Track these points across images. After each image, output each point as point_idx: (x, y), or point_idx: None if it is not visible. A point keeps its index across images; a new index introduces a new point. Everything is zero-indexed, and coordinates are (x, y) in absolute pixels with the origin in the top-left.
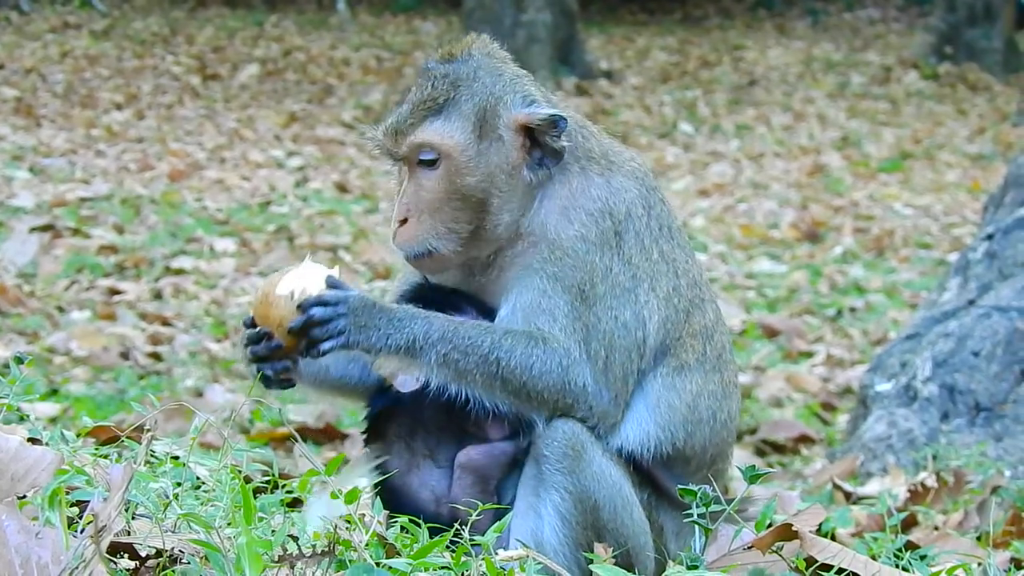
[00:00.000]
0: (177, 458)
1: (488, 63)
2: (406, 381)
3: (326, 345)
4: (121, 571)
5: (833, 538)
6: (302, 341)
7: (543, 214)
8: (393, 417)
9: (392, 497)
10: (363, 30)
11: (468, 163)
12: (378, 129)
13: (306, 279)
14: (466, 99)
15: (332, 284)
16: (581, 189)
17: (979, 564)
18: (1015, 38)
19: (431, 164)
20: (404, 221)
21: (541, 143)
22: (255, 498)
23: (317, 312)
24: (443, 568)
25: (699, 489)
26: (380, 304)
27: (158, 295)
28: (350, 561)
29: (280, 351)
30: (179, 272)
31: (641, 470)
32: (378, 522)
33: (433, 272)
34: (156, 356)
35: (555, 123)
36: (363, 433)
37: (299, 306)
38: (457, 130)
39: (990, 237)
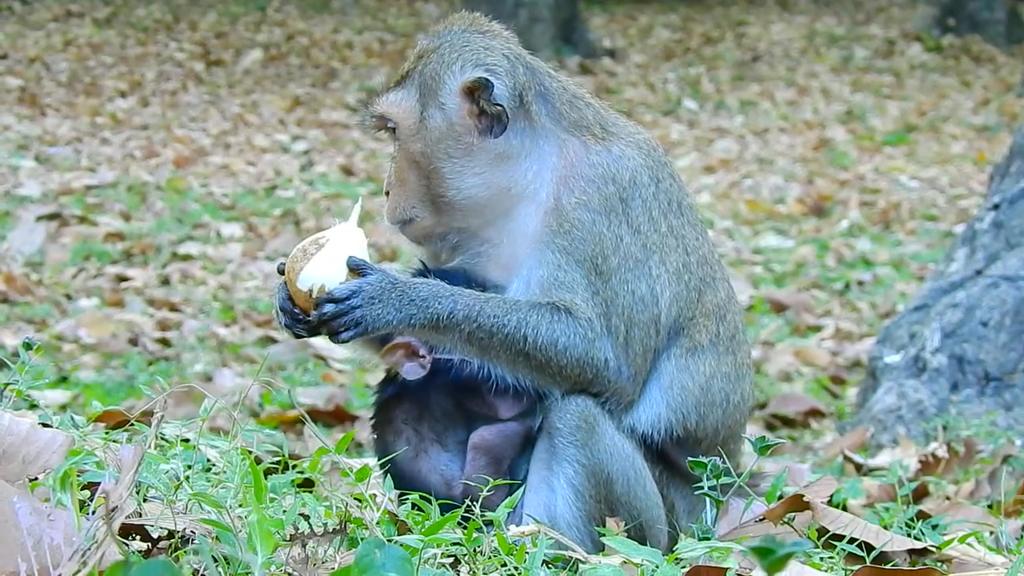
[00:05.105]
0: (187, 441)
1: (458, 36)
2: (412, 369)
3: (344, 336)
4: (133, 552)
5: (845, 509)
6: (323, 330)
7: (539, 184)
8: (400, 404)
9: (402, 483)
10: (365, 13)
11: (411, 130)
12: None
13: (325, 269)
14: (420, 69)
15: (353, 267)
16: (579, 157)
17: (991, 533)
18: (1017, 9)
19: (394, 134)
20: (388, 194)
21: (482, 108)
22: (266, 479)
23: (329, 309)
24: (455, 544)
25: (709, 461)
26: (401, 282)
27: (166, 281)
28: (361, 539)
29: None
30: (186, 258)
31: (652, 449)
32: (389, 500)
33: (419, 240)
34: (165, 342)
35: (487, 84)
36: (371, 419)
37: (315, 303)
38: (404, 99)
39: (996, 207)
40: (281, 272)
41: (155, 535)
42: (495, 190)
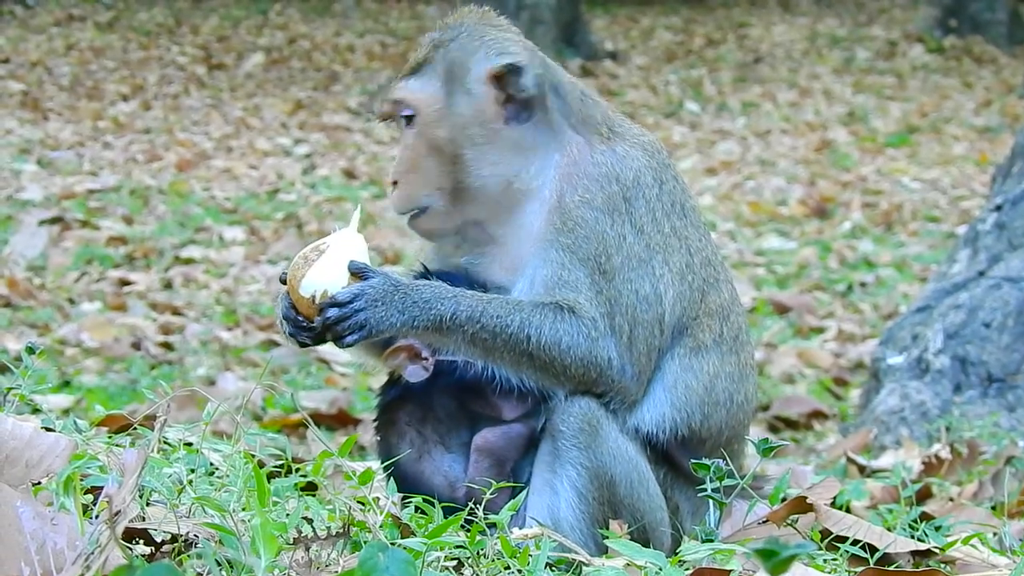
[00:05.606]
0: (190, 444)
1: (474, 28)
2: (415, 372)
3: (348, 340)
4: (136, 556)
5: (848, 511)
6: (327, 335)
7: (543, 180)
8: (404, 406)
9: (405, 485)
10: (367, 16)
11: (436, 116)
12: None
13: (327, 274)
14: (440, 58)
15: (355, 271)
16: (583, 155)
17: (994, 534)
18: (1019, 10)
19: (409, 122)
20: (396, 183)
21: (510, 94)
22: (269, 482)
23: (332, 313)
24: (458, 547)
25: (712, 464)
26: (404, 285)
27: (168, 285)
28: (365, 542)
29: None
30: (188, 261)
31: (657, 449)
32: (392, 503)
33: (430, 233)
34: (167, 346)
35: (516, 71)
36: (374, 422)
37: (318, 309)
38: (427, 85)
39: (999, 208)
40: (283, 281)
41: (158, 539)
42: (505, 181)
